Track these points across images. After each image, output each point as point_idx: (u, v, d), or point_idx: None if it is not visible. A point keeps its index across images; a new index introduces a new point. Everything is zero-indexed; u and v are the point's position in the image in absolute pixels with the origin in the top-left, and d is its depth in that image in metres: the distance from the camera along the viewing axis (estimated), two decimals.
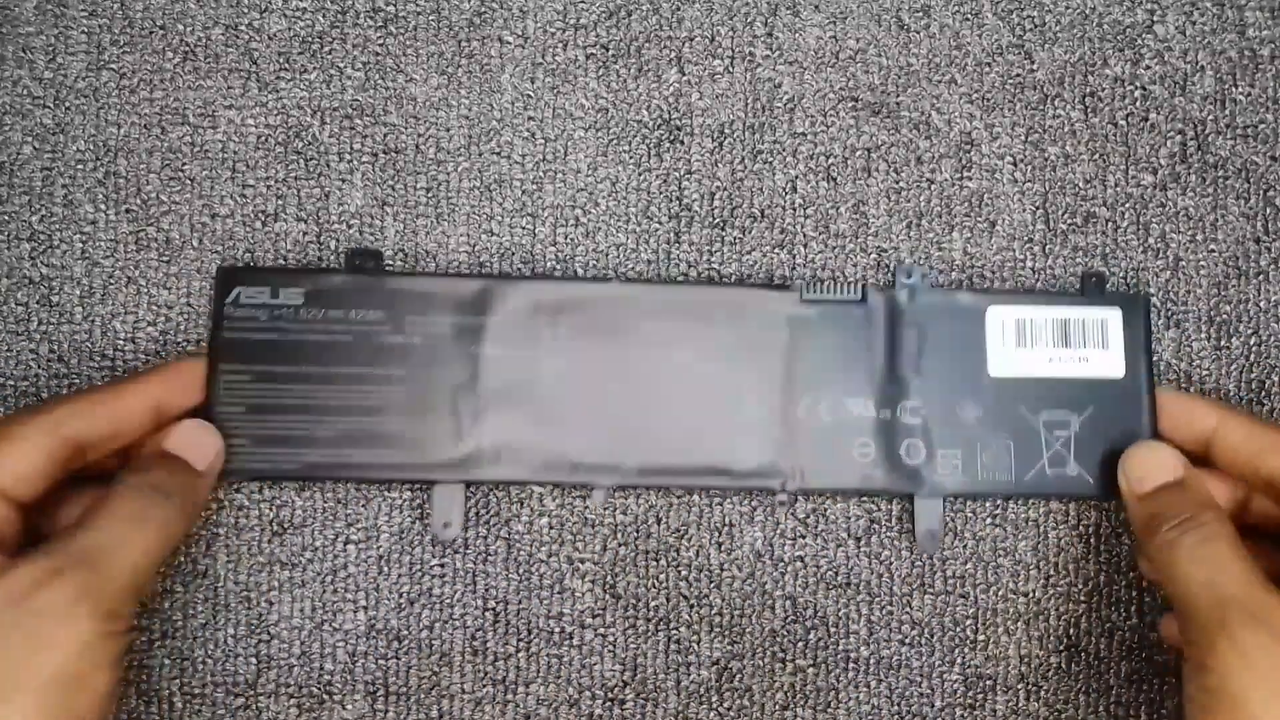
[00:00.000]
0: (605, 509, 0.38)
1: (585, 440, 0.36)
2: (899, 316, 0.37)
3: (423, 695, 0.37)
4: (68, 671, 0.29)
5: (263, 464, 0.36)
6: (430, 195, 0.39)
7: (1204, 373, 0.39)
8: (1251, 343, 0.39)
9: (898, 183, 0.39)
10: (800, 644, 0.38)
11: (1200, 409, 0.36)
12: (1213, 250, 0.39)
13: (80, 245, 0.38)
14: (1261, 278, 0.39)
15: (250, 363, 0.36)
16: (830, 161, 0.39)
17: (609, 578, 0.38)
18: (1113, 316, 0.37)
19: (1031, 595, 0.38)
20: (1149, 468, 0.35)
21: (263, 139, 0.38)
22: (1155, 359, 0.38)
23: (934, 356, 0.37)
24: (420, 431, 0.36)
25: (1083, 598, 0.38)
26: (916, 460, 0.37)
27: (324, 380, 0.36)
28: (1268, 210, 0.39)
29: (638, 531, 0.38)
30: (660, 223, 0.39)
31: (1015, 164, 0.39)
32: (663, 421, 0.36)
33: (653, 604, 0.38)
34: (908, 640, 0.38)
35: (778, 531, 0.38)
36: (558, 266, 0.38)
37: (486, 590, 0.38)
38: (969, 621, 0.38)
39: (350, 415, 0.36)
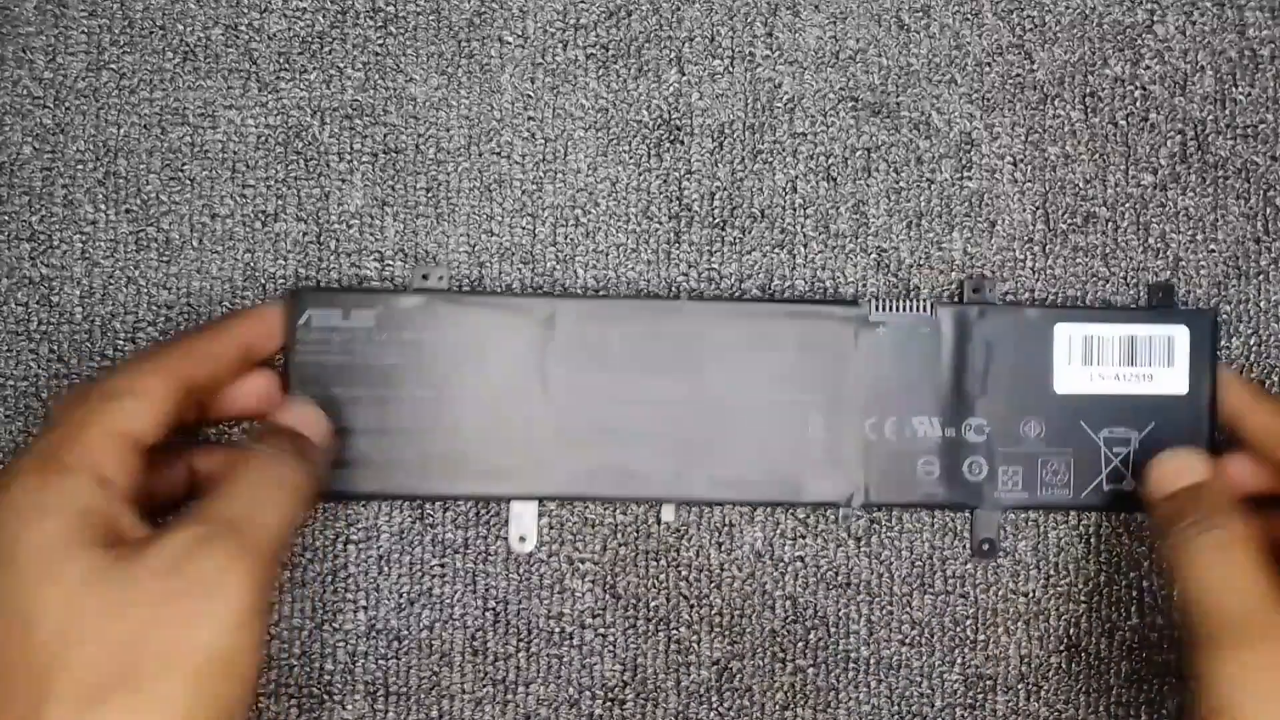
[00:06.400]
0: (675, 524, 0.38)
1: (654, 457, 0.36)
2: (967, 333, 0.37)
3: (423, 695, 0.37)
4: (220, 651, 0.27)
5: (341, 485, 0.36)
6: (430, 195, 0.39)
7: None
8: (1251, 343, 0.39)
9: (898, 183, 0.39)
10: (800, 644, 0.38)
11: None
12: (1213, 250, 0.39)
13: (80, 245, 0.38)
14: (1261, 278, 0.39)
15: (325, 385, 0.36)
16: (830, 161, 0.39)
17: (609, 578, 0.38)
18: (1180, 334, 0.37)
19: (1031, 595, 0.38)
20: (1170, 470, 0.34)
21: (263, 139, 0.38)
22: None
23: (1000, 373, 0.37)
24: (494, 451, 0.36)
25: (1083, 598, 0.38)
26: (979, 476, 0.37)
27: (398, 402, 0.36)
28: (1268, 210, 0.39)
29: (638, 531, 0.38)
30: (660, 223, 0.39)
31: (1015, 164, 0.39)
32: (729, 437, 0.37)
33: (653, 604, 0.38)
34: (908, 640, 0.38)
35: (778, 531, 0.38)
36: (558, 266, 0.38)
37: (486, 590, 0.38)
38: (969, 621, 0.38)
39: (425, 436, 0.36)
